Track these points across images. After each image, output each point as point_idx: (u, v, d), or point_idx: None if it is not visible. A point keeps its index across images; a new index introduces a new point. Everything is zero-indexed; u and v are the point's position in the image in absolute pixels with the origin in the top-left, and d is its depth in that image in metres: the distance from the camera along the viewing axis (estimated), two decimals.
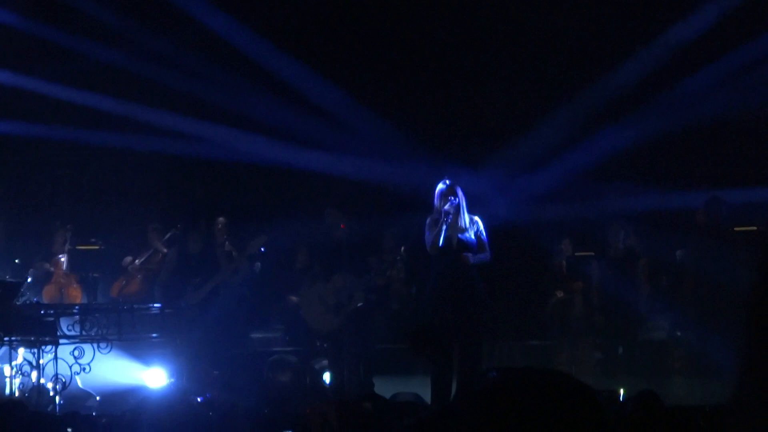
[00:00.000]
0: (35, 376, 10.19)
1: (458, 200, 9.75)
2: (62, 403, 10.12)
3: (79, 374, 10.29)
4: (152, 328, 11.18)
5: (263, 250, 12.64)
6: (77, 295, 13.43)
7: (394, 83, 15.44)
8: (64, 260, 13.54)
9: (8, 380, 10.35)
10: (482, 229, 9.91)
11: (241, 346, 13.11)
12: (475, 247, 9.82)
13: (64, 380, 10.15)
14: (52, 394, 10.15)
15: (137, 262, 13.73)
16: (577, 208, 14.53)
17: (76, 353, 10.26)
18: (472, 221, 9.87)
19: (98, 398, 10.73)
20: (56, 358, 10.13)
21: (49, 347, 10.14)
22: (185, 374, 11.23)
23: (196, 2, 15.07)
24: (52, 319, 10.36)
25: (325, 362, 12.67)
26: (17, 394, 10.23)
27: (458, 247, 9.75)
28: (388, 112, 15.48)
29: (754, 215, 12.91)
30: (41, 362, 10.13)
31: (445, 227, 9.63)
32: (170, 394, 10.05)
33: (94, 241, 14.07)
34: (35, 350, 10.16)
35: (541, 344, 13.67)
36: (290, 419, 6.20)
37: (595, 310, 13.13)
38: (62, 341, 10.25)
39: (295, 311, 12.93)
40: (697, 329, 12.08)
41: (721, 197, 12.44)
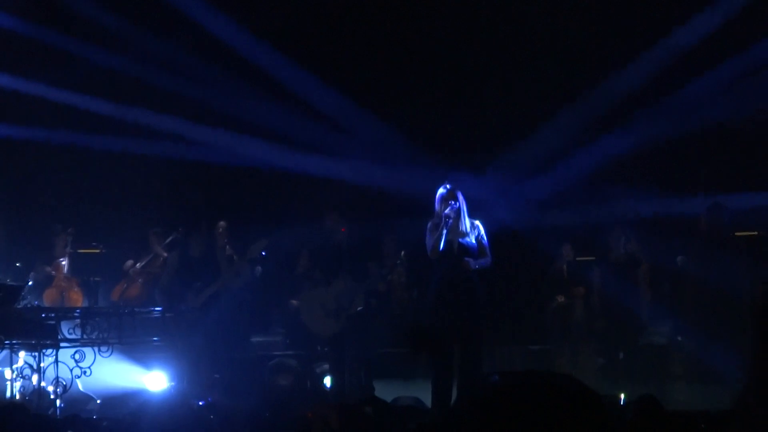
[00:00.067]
0: (36, 379, 10.18)
1: (459, 204, 9.74)
2: (63, 406, 10.11)
3: (79, 377, 10.28)
4: (153, 331, 11.18)
5: (264, 254, 12.63)
6: (78, 298, 13.42)
7: (395, 87, 15.43)
8: (65, 264, 13.53)
9: (9, 383, 10.35)
10: (483, 233, 9.90)
11: (242, 349, 13.10)
12: (476, 251, 9.81)
13: (64, 383, 10.14)
14: (52, 397, 10.14)
15: (138, 265, 13.72)
16: (578, 213, 14.51)
17: (77, 356, 10.25)
18: (473, 226, 9.86)
19: (99, 401, 10.73)
20: (57, 361, 10.12)
21: (50, 350, 10.13)
22: (186, 378, 11.23)
23: (196, 6, 15.06)
24: (53, 322, 10.35)
25: (325, 366, 12.66)
26: (18, 397, 10.23)
27: (459, 251, 9.74)
28: (389, 116, 15.48)
29: (755, 221, 12.91)
30: (42, 365, 10.12)
31: (445, 231, 9.62)
32: (171, 397, 10.07)
33: (95, 244, 14.06)
34: (36, 353, 10.14)
35: (541, 349, 13.65)
36: (291, 423, 6.20)
37: (596, 315, 13.12)
38: (63, 344, 10.24)
39: (296, 315, 12.91)
40: (698, 335, 12.08)
41: (722, 203, 12.44)
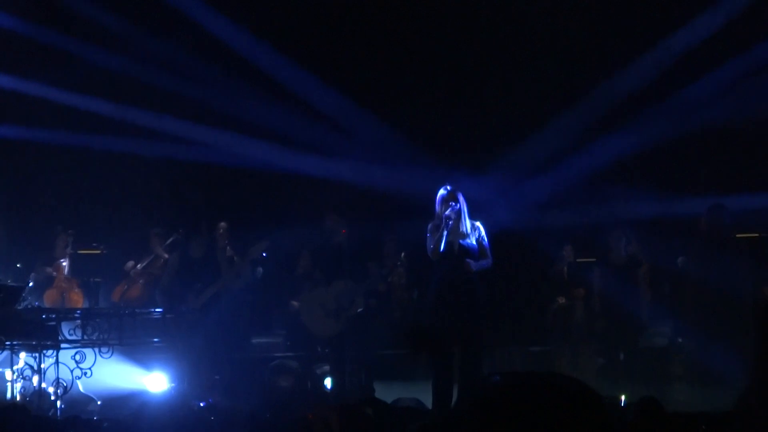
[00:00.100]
0: (36, 380, 10.18)
1: (459, 206, 9.73)
2: (63, 407, 10.10)
3: (80, 379, 10.27)
4: (154, 332, 11.17)
5: (265, 255, 12.64)
6: (79, 299, 13.42)
7: (395, 88, 15.43)
8: (65, 265, 13.53)
9: (10, 384, 10.35)
10: (484, 234, 9.89)
11: (242, 351, 13.10)
12: (476, 252, 9.81)
13: (65, 385, 10.14)
14: (53, 398, 10.14)
15: (139, 266, 13.72)
16: (578, 214, 14.50)
17: (77, 358, 10.25)
18: (473, 227, 9.85)
19: (99, 403, 10.72)
20: (57, 362, 10.11)
21: (50, 351, 10.13)
22: (186, 379, 11.23)
23: (197, 6, 15.06)
24: (53, 323, 10.35)
25: (326, 367, 12.65)
26: (19, 398, 10.23)
27: (460, 252, 9.73)
28: (389, 117, 15.47)
29: (756, 222, 12.90)
30: (42, 366, 10.12)
31: (446, 233, 9.61)
32: (171, 398, 10.07)
33: (95, 245, 14.07)
34: (36, 354, 10.14)
35: (542, 350, 13.64)
36: (291, 424, 6.19)
37: (596, 316, 13.11)
38: (63, 346, 10.24)
39: (296, 316, 12.91)
40: (698, 336, 12.08)
41: (723, 204, 12.43)
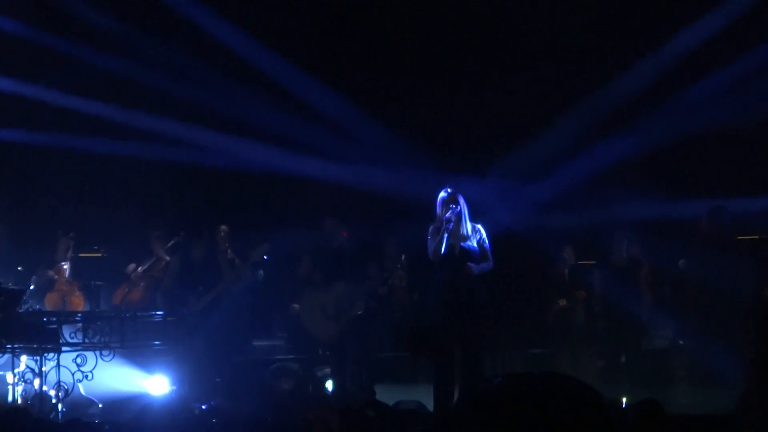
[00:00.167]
0: (38, 383, 10.17)
1: (459, 208, 9.72)
2: (65, 410, 10.09)
3: (81, 382, 10.27)
4: (155, 335, 11.17)
5: (266, 257, 12.64)
6: (80, 302, 13.42)
7: (396, 91, 15.43)
8: (66, 268, 13.53)
9: (11, 388, 10.35)
10: (485, 237, 9.88)
11: (243, 353, 13.11)
12: (477, 255, 9.80)
13: (66, 388, 10.13)
14: (54, 401, 10.13)
15: (140, 269, 13.72)
16: (579, 216, 14.50)
17: (78, 361, 10.24)
18: (474, 229, 9.84)
19: (101, 406, 10.71)
20: (59, 365, 10.11)
21: (51, 355, 10.12)
22: (188, 382, 11.22)
23: (197, 10, 15.07)
24: (54, 326, 10.34)
25: (327, 370, 12.65)
26: (20, 401, 10.24)
27: (460, 255, 9.72)
28: (390, 119, 15.47)
29: (757, 224, 12.90)
30: (44, 369, 10.11)
31: (446, 235, 9.61)
32: (173, 401, 10.05)
33: (96, 248, 14.08)
34: (38, 358, 10.14)
35: (543, 352, 13.64)
36: (293, 427, 6.19)
37: (597, 318, 13.11)
38: (65, 349, 10.23)
39: (297, 319, 12.91)
40: (699, 338, 12.07)
41: (724, 206, 12.42)
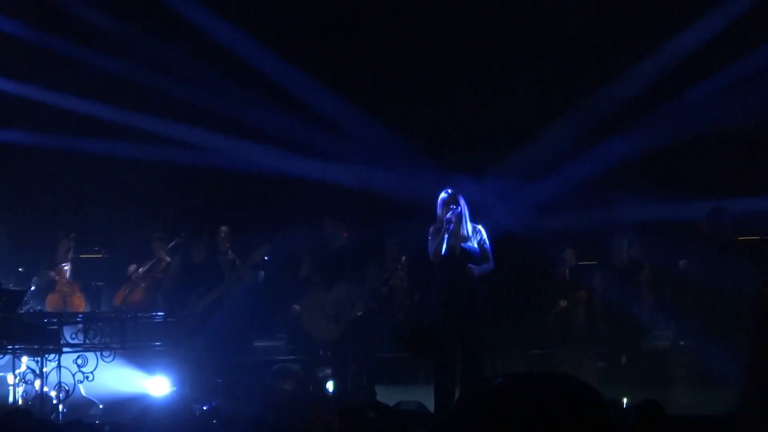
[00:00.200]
0: (38, 384, 10.16)
1: (460, 209, 9.71)
2: (65, 411, 10.09)
3: (82, 383, 10.27)
4: (155, 336, 11.16)
5: (267, 258, 12.64)
6: (80, 303, 13.43)
7: (396, 91, 15.44)
8: (67, 269, 13.54)
9: (12, 389, 10.35)
10: (486, 238, 9.87)
11: (244, 354, 13.11)
12: (478, 255, 9.79)
13: (67, 389, 10.13)
14: (55, 402, 10.12)
15: (141, 270, 13.72)
16: (580, 217, 14.51)
17: (79, 362, 10.23)
18: (475, 230, 9.83)
19: (101, 407, 10.71)
20: (59, 366, 10.10)
21: (52, 356, 10.11)
22: (188, 383, 11.22)
23: (198, 11, 15.08)
24: (55, 327, 10.33)
25: (328, 371, 12.65)
26: (21, 402, 10.23)
27: (461, 255, 9.72)
28: (390, 120, 15.49)
29: (757, 225, 12.90)
30: (44, 371, 10.11)
31: (447, 236, 9.60)
32: (173, 402, 10.05)
33: (97, 249, 14.09)
34: (38, 359, 10.13)
35: (543, 353, 13.64)
36: (293, 428, 6.20)
37: (598, 319, 13.11)
38: (65, 350, 10.22)
39: (298, 320, 12.91)
40: (700, 339, 12.07)
41: (724, 207, 12.42)
